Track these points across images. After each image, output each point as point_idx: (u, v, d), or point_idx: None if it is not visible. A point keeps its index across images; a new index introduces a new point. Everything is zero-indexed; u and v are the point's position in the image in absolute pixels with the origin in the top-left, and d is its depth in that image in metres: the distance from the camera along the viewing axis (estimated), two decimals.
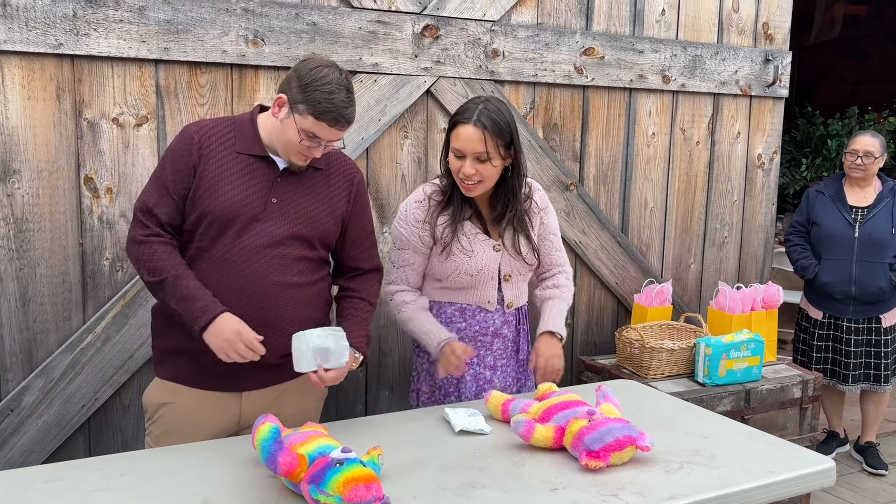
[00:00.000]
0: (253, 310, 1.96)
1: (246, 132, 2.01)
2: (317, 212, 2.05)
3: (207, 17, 2.54)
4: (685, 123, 3.59)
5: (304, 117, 1.90)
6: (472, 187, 2.16)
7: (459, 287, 2.27)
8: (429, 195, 2.27)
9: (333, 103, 1.88)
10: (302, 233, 2.02)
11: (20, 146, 2.38)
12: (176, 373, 2.05)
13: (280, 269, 1.99)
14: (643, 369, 3.12)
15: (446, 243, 2.22)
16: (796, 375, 3.28)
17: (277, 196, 2.00)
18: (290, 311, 2.01)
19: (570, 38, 3.19)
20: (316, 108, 1.88)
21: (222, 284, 1.96)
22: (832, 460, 1.87)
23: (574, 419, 1.88)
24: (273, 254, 1.98)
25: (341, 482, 1.51)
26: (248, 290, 1.96)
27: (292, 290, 2.01)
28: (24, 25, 2.31)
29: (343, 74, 1.93)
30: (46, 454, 2.49)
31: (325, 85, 1.88)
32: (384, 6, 2.82)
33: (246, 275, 1.96)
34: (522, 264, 2.30)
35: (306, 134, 1.91)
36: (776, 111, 3.83)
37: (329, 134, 1.92)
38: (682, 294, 3.71)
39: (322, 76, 1.89)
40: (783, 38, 3.78)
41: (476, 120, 2.10)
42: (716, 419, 2.18)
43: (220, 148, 1.98)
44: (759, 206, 3.87)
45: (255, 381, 2.06)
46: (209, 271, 1.97)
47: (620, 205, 3.49)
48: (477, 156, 2.11)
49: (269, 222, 1.98)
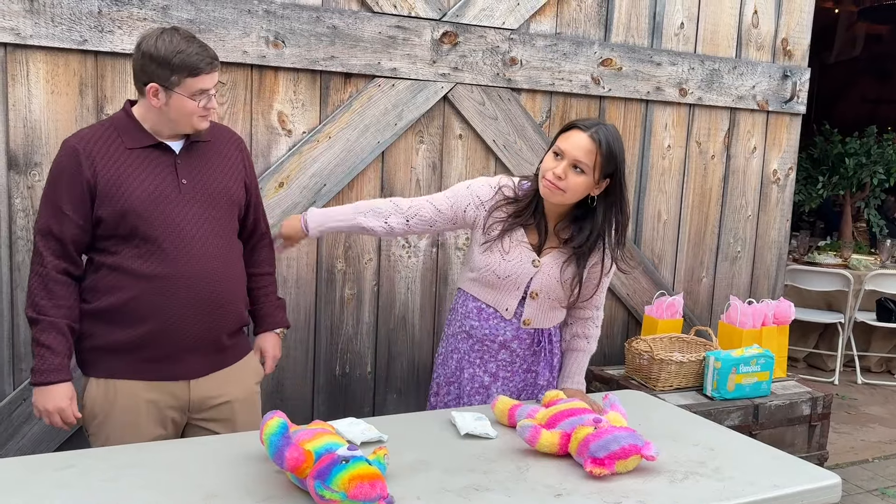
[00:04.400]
0: (206, 295, 2.00)
1: (129, 128, 1.98)
2: (225, 180, 2.09)
3: (229, 18, 2.57)
4: (701, 137, 3.59)
5: (184, 84, 1.91)
6: (553, 189, 2.08)
7: (486, 284, 2.25)
8: (500, 186, 2.21)
9: (198, 54, 1.90)
10: (222, 203, 2.06)
11: (42, 139, 2.42)
12: (115, 370, 2.02)
13: (217, 247, 2.03)
14: (652, 381, 3.12)
15: (492, 238, 2.19)
16: (806, 392, 3.26)
17: (186, 176, 2.01)
18: (233, 287, 2.09)
19: (588, 48, 3.21)
20: (189, 67, 1.89)
21: (167, 277, 1.96)
22: (837, 476, 1.86)
23: (580, 426, 1.88)
24: (206, 233, 2.01)
25: (346, 479, 1.52)
26: (197, 277, 1.98)
27: (233, 266, 2.09)
28: (51, 21, 2.35)
29: (176, 31, 1.93)
30: (57, 443, 2.52)
31: (178, 45, 1.89)
32: (404, 12, 2.84)
33: (190, 262, 1.98)
34: (556, 289, 2.24)
35: (197, 95, 1.93)
36: (793, 127, 3.83)
37: (211, 80, 1.94)
38: (694, 307, 3.71)
39: (168, 42, 1.89)
40: (802, 55, 3.78)
41: (594, 132, 2.05)
42: (723, 432, 2.18)
43: (110, 150, 1.95)
44: (773, 222, 3.86)
45: (201, 368, 2.07)
46: (147, 269, 1.95)
47: (634, 216, 3.50)
48: (575, 163, 2.05)
49: (188, 204, 2.00)
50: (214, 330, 2.05)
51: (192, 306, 1.99)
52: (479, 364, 2.32)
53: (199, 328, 2.02)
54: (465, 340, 2.33)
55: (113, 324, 1.98)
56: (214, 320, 2.03)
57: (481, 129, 3.05)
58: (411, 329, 3.08)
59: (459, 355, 2.34)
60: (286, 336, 2.89)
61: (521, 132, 3.12)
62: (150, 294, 1.95)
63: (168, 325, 1.98)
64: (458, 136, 3.04)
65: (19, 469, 1.70)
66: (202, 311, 2.00)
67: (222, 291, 2.03)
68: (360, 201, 2.32)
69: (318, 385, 2.95)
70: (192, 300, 1.98)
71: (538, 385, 2.36)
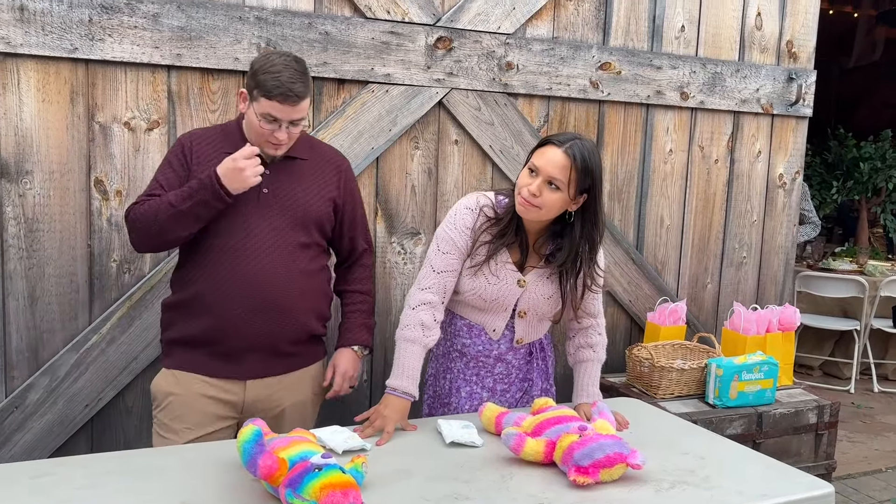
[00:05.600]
0: (262, 298, 2.08)
1: (232, 134, 2.15)
2: (308, 197, 2.16)
3: (220, 25, 2.57)
4: (704, 141, 3.54)
5: (258, 102, 2.01)
6: (528, 206, 2.04)
7: (473, 306, 2.22)
8: (481, 206, 2.16)
9: (280, 80, 1.97)
10: (297, 217, 2.13)
11: (33, 147, 2.43)
12: (183, 362, 2.14)
13: (282, 256, 2.11)
14: (653, 388, 3.07)
15: (479, 262, 2.15)
16: (812, 400, 3.19)
17: (268, 186, 2.11)
18: (298, 299, 2.14)
19: (586, 52, 3.18)
20: (265, 88, 1.98)
21: (229, 276, 2.07)
22: (831, 486, 1.81)
23: (565, 434, 1.85)
24: (274, 241, 2.10)
25: (318, 487, 1.49)
26: (255, 280, 2.07)
27: (297, 277, 2.13)
28: (41, 30, 2.36)
29: (291, 58, 2.03)
30: (49, 452, 2.51)
31: (272, 67, 1.99)
32: (397, 17, 2.83)
33: (251, 264, 2.07)
34: (542, 306, 2.21)
35: (264, 117, 2.01)
36: (799, 130, 3.76)
37: (283, 112, 2.00)
38: (699, 314, 3.65)
39: (270, 62, 2.00)
40: (808, 57, 3.72)
41: (569, 148, 2.01)
42: (717, 440, 2.13)
43: (210, 150, 2.12)
44: (779, 227, 3.80)
45: (259, 370, 2.15)
46: (214, 264, 2.08)
47: (635, 221, 3.45)
48: (550, 179, 2.00)
49: (265, 211, 2.10)
50: (272, 335, 2.12)
51: (248, 308, 2.07)
52: (475, 381, 2.29)
53: (255, 331, 2.09)
54: (457, 360, 2.29)
55: (185, 317, 2.12)
56: (271, 325, 2.11)
57: (477, 134, 3.03)
58: None
59: (453, 375, 2.30)
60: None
61: (519, 137, 3.09)
62: (212, 290, 2.07)
63: (226, 322, 2.07)
64: (454, 141, 3.02)
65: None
66: (258, 314, 2.08)
67: (280, 298, 2.10)
68: (403, 332, 2.15)
69: None
70: (248, 302, 2.07)
71: (532, 395, 2.33)
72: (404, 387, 2.09)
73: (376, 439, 1.98)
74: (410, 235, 3.00)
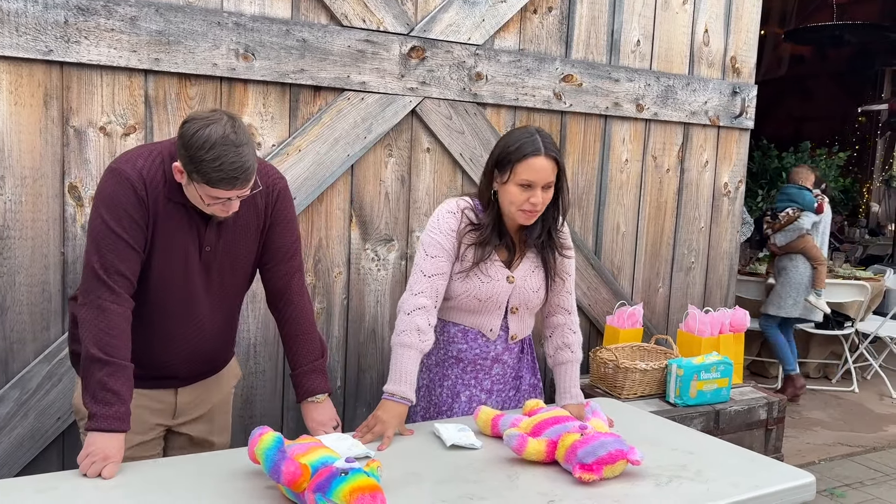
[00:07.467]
0: (199, 352, 2.08)
1: (173, 179, 1.86)
2: (248, 244, 2.03)
3: (199, 30, 2.54)
4: (657, 151, 3.69)
5: (201, 186, 1.78)
6: (533, 216, 2.15)
7: (466, 310, 2.27)
8: (462, 210, 2.21)
9: (222, 169, 1.74)
10: (238, 273, 2.06)
11: (4, 152, 2.34)
12: None
13: (223, 316, 2.09)
14: (617, 389, 3.18)
15: (467, 268, 2.20)
16: (762, 398, 3.37)
17: (210, 243, 1.96)
18: (230, 343, 2.20)
19: (550, 64, 3.28)
20: (208, 178, 1.76)
21: (165, 331, 2.00)
22: (812, 475, 1.94)
23: (566, 433, 1.91)
24: (211, 302, 2.03)
25: (347, 491, 1.51)
26: (191, 337, 2.04)
27: (232, 327, 2.17)
28: (15, 30, 2.29)
29: (224, 125, 1.75)
30: (20, 467, 2.42)
31: (208, 151, 1.73)
32: (373, 26, 2.86)
33: (188, 323, 2.02)
34: (532, 300, 2.29)
35: (211, 199, 1.82)
36: (742, 141, 3.98)
37: (232, 192, 1.81)
38: (651, 317, 3.80)
39: (204, 141, 1.73)
40: (749, 72, 3.94)
41: (547, 151, 2.10)
42: (696, 436, 2.24)
43: (160, 198, 1.87)
44: (724, 233, 4.00)
45: (190, 379, 2.13)
46: (151, 318, 1.95)
47: (594, 228, 3.57)
48: (547, 184, 2.12)
49: (209, 275, 1.99)
50: (204, 372, 2.15)
51: (185, 358, 2.06)
52: (474, 384, 2.33)
53: (189, 371, 2.10)
54: (454, 366, 2.32)
55: None
56: (203, 366, 2.13)
57: (448, 142, 3.08)
58: (381, 342, 3.08)
59: (451, 382, 2.33)
60: (256, 352, 2.85)
61: (487, 146, 3.15)
62: (145, 340, 1.94)
63: (159, 365, 2.04)
64: (426, 149, 3.07)
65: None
66: (195, 362, 2.09)
67: (217, 351, 2.14)
68: (399, 337, 2.16)
69: (287, 401, 2.91)
70: (186, 355, 2.05)
71: (522, 390, 2.40)
72: (402, 392, 2.12)
73: (377, 444, 2.00)
74: (384, 242, 3.02)
